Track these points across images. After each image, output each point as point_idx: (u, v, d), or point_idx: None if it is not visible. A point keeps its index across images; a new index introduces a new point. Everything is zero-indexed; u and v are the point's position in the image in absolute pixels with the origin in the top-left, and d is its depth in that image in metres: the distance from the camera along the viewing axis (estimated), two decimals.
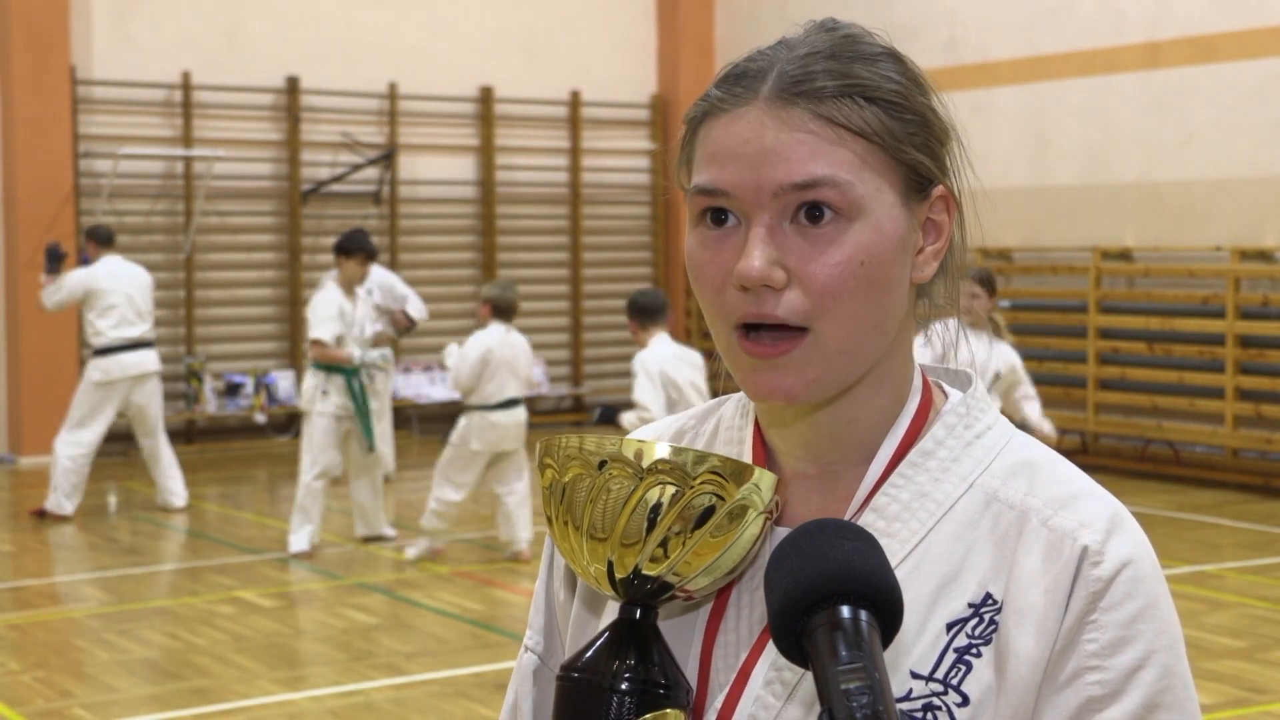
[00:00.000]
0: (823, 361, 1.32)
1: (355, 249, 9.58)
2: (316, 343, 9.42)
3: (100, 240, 10.99)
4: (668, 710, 1.31)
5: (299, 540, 9.53)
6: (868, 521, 1.36)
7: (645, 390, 7.70)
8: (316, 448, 9.47)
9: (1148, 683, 1.30)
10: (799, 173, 1.31)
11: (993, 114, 13.22)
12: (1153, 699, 1.30)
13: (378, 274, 12.80)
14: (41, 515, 10.79)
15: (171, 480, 11.10)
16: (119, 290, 10.80)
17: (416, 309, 11.27)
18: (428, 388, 14.78)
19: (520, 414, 9.08)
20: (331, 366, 9.48)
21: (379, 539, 9.89)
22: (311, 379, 9.58)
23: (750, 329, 1.33)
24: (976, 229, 1.48)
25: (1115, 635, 1.30)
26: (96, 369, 10.80)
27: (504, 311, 9.00)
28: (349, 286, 9.62)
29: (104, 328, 10.75)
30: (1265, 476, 11.65)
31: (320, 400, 9.44)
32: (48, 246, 10.99)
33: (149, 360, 10.94)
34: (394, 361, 11.35)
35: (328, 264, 14.12)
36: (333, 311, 9.44)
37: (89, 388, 10.82)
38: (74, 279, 10.78)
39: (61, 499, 10.76)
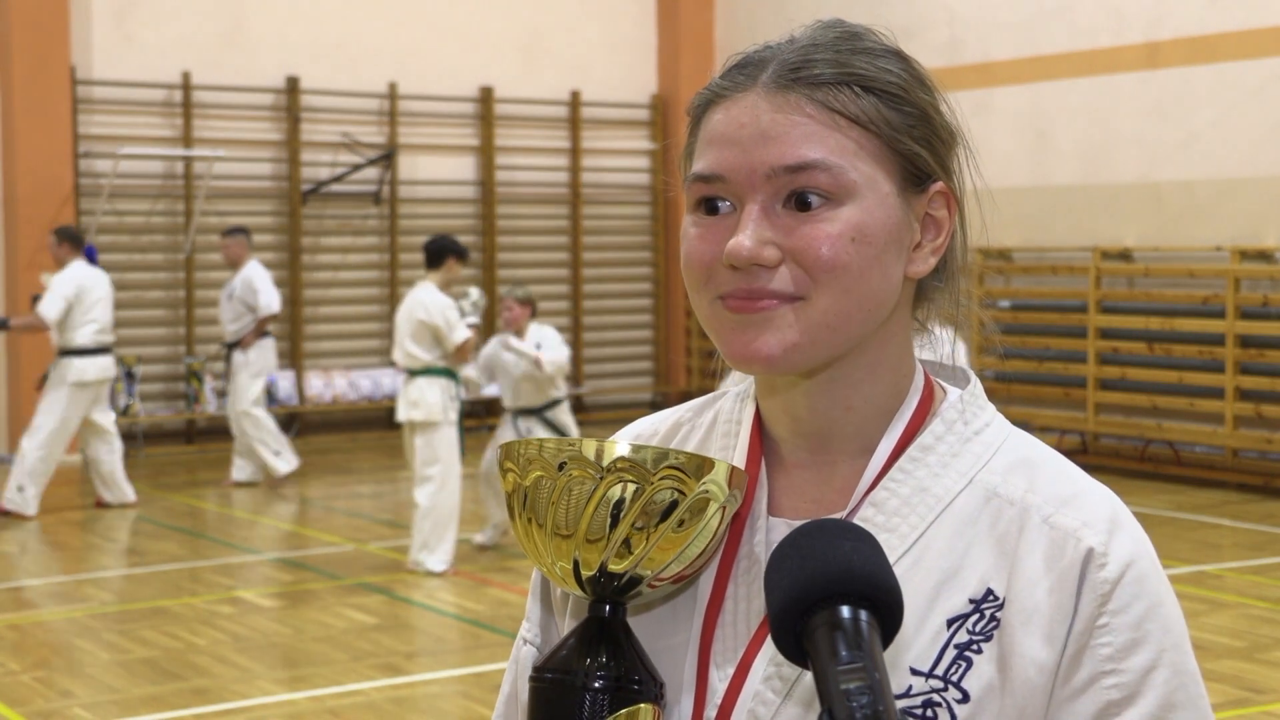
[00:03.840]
0: (805, 329, 1.32)
1: (465, 253, 9.37)
2: (465, 344, 9.04)
3: None
4: (641, 705, 1.32)
5: (439, 559, 9.07)
6: (866, 516, 1.36)
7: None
8: (449, 459, 9.08)
9: (1162, 682, 1.30)
10: (791, 155, 1.31)
11: (993, 114, 13.22)
12: (1168, 697, 1.30)
13: (246, 269, 12.48)
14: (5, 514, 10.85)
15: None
16: None
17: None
18: None
19: None
20: (449, 371, 9.12)
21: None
22: (438, 386, 9.04)
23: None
24: (981, 231, 1.48)
25: (1127, 638, 1.30)
26: None
27: None
28: (449, 288, 9.36)
29: None
30: (1265, 476, 11.65)
31: (451, 408, 9.07)
32: None
33: None
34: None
35: (328, 264, 14.17)
36: (457, 314, 9.15)
37: None
38: None
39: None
